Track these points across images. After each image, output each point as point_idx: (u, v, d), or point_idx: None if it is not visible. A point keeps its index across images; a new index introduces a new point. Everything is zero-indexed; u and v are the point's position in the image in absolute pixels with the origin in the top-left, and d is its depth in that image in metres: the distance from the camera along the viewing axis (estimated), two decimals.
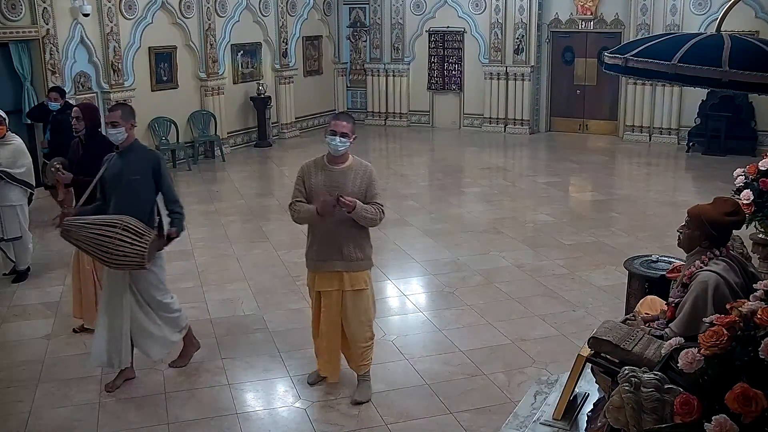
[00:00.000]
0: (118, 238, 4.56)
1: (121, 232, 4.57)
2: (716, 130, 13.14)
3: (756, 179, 5.39)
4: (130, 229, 4.61)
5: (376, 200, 4.60)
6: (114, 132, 4.83)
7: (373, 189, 4.61)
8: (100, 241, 4.59)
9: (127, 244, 4.58)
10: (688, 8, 13.65)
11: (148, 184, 4.88)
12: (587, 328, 5.22)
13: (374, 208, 4.57)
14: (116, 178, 4.84)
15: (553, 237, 8.50)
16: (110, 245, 4.57)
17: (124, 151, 4.90)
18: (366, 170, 4.64)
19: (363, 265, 4.70)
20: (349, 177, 4.58)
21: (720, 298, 3.34)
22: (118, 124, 4.80)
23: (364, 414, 4.70)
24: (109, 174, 4.88)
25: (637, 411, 2.55)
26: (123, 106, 5.11)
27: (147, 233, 4.70)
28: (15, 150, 6.86)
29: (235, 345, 5.74)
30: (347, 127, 4.53)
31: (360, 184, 4.57)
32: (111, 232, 4.57)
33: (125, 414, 4.76)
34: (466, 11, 15.53)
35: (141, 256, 4.63)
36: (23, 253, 7.14)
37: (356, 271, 4.67)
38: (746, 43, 3.65)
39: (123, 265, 4.71)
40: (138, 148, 4.99)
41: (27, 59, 10.20)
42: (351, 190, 4.52)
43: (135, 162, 4.87)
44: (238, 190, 11.14)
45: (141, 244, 4.62)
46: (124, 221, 4.64)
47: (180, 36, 12.63)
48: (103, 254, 4.64)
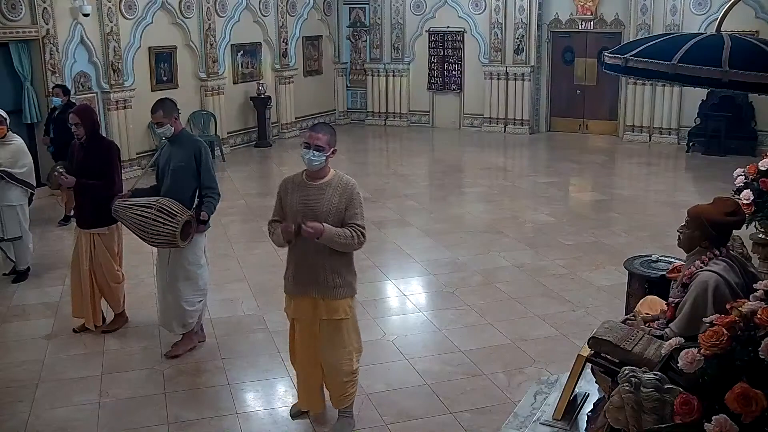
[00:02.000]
0: (152, 218, 5.00)
1: (156, 213, 5.00)
2: (716, 130, 13.13)
3: (756, 179, 5.38)
4: (164, 210, 5.02)
5: (355, 221, 4.11)
6: (161, 130, 5.26)
7: (353, 209, 4.12)
8: (138, 221, 5.07)
9: (160, 224, 5.00)
10: (688, 8, 13.65)
11: (190, 171, 5.23)
12: (587, 328, 5.21)
13: (351, 231, 4.08)
14: (166, 164, 5.30)
15: (553, 237, 8.50)
16: (146, 224, 5.03)
17: (173, 141, 5.32)
18: (346, 187, 4.15)
19: (341, 292, 4.21)
20: (325, 194, 4.13)
21: (720, 298, 3.34)
22: (163, 123, 5.21)
23: (364, 414, 4.69)
24: (161, 161, 5.36)
25: (637, 411, 2.55)
26: (162, 103, 5.30)
27: (180, 214, 5.05)
28: (16, 150, 6.86)
29: (235, 345, 5.74)
30: (323, 139, 4.11)
31: (338, 203, 4.11)
32: (148, 212, 5.03)
33: (125, 414, 4.76)
34: (466, 11, 15.53)
35: (173, 235, 5.03)
36: (23, 253, 7.14)
37: (333, 299, 4.20)
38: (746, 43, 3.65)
39: (159, 242, 5.17)
40: (184, 138, 5.36)
41: (27, 59, 10.20)
42: (326, 209, 4.09)
43: (180, 150, 5.27)
44: (238, 190, 11.14)
45: (173, 224, 5.01)
46: (160, 203, 5.07)
47: (180, 36, 12.63)
48: (141, 232, 5.10)
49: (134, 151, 11.69)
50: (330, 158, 4.19)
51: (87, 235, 5.77)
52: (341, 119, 17.14)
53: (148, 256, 7.80)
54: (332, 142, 4.19)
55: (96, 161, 5.69)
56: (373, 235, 8.67)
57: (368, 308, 6.41)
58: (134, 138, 11.74)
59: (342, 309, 4.25)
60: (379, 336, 5.89)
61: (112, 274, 5.90)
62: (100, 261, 5.82)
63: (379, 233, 8.73)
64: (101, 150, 5.77)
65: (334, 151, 4.20)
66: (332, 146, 4.19)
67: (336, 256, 4.16)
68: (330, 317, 4.24)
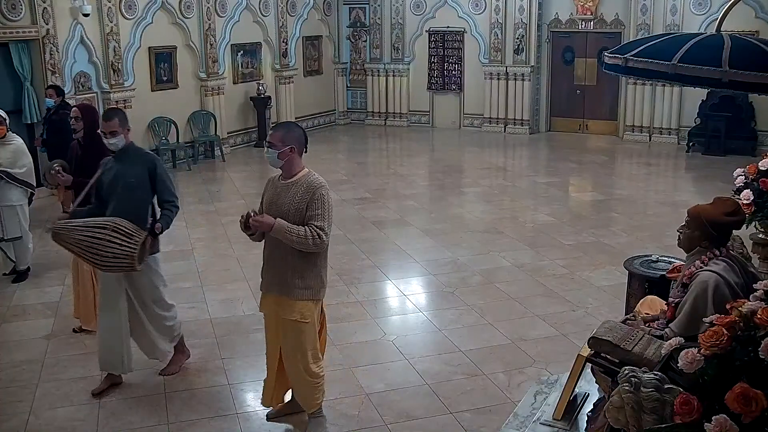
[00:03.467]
0: (107, 240, 4.54)
1: (111, 233, 4.55)
2: (716, 130, 13.14)
3: (756, 179, 5.38)
4: (119, 230, 4.58)
5: (314, 222, 4.08)
6: (114, 141, 4.83)
7: (314, 209, 4.09)
8: (90, 243, 4.56)
9: (116, 245, 4.55)
10: (688, 8, 13.65)
11: (144, 187, 4.86)
12: (587, 328, 5.21)
13: (308, 230, 4.05)
14: (114, 181, 4.82)
15: (553, 237, 8.50)
16: (100, 247, 4.55)
17: (121, 155, 4.89)
18: (310, 187, 4.14)
19: (299, 294, 4.21)
20: (290, 192, 4.17)
21: (720, 298, 3.35)
22: (117, 133, 4.82)
23: (364, 414, 4.70)
24: (107, 178, 4.86)
25: (637, 411, 2.55)
26: (117, 112, 5.06)
27: (137, 234, 4.65)
28: (16, 150, 6.86)
29: (235, 345, 5.74)
30: (275, 136, 4.17)
31: (299, 201, 4.12)
32: (101, 233, 4.55)
33: (125, 414, 4.76)
34: (466, 11, 15.53)
35: (131, 257, 4.59)
36: (23, 253, 7.14)
37: (291, 299, 4.22)
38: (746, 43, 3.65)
39: (114, 266, 4.68)
40: (134, 151, 4.97)
41: (27, 59, 10.20)
42: (287, 208, 4.12)
43: (132, 165, 4.86)
44: (238, 190, 11.15)
45: (130, 244, 4.59)
46: (114, 222, 4.61)
47: (180, 36, 12.63)
48: (93, 256, 4.62)
49: None
50: (290, 156, 4.17)
51: None
52: (341, 119, 17.14)
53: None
54: (287, 140, 4.16)
55: (94, 161, 5.66)
56: (373, 235, 8.70)
57: (368, 308, 6.42)
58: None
59: (298, 311, 4.24)
60: (379, 336, 5.89)
61: None
62: None
63: (379, 233, 8.73)
64: (100, 150, 5.74)
65: (291, 148, 4.15)
66: (287, 143, 4.15)
67: (301, 258, 4.16)
68: (286, 317, 4.27)
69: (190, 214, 9.59)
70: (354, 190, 10.68)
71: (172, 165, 12.38)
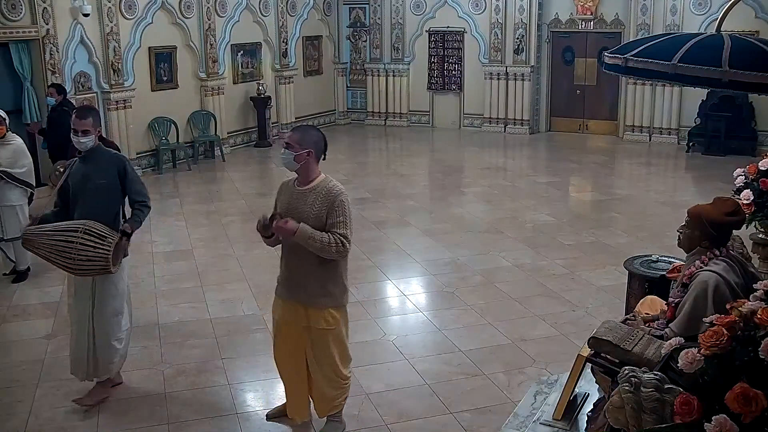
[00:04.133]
0: (80, 243, 4.40)
1: (83, 236, 4.41)
2: (716, 130, 13.13)
3: (756, 179, 5.38)
4: (92, 233, 4.45)
5: (337, 230, 3.99)
6: (85, 140, 4.66)
7: (335, 216, 4.00)
8: (61, 247, 4.43)
9: (90, 248, 4.42)
10: (688, 8, 13.65)
11: (114, 188, 4.72)
12: (587, 328, 5.22)
13: (330, 237, 3.96)
14: (81, 183, 4.68)
15: (553, 237, 8.50)
16: (73, 251, 4.41)
17: (88, 156, 4.74)
18: (330, 194, 4.04)
19: (323, 302, 4.13)
20: (308, 199, 4.06)
21: (720, 298, 3.35)
22: (89, 132, 4.67)
23: (364, 414, 4.70)
24: (73, 180, 4.72)
25: (637, 411, 2.55)
26: (92, 111, 4.93)
27: (110, 236, 4.52)
28: (15, 150, 6.86)
29: (235, 345, 5.74)
30: (292, 137, 4.06)
31: (318, 209, 4.02)
32: (73, 237, 4.41)
33: (125, 414, 4.76)
34: (466, 11, 15.53)
35: (105, 260, 4.46)
36: (23, 253, 7.11)
37: (314, 308, 4.13)
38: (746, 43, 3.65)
39: (88, 270, 4.54)
40: (102, 152, 4.81)
41: (27, 59, 10.19)
42: (306, 215, 4.01)
43: (100, 166, 4.71)
44: (238, 190, 11.15)
45: (104, 247, 4.46)
46: (86, 225, 4.48)
47: (180, 36, 12.62)
48: (66, 261, 4.47)
49: (134, 151, 11.68)
50: (307, 160, 4.06)
51: None
52: (341, 119, 17.14)
53: (148, 256, 7.83)
54: (304, 142, 4.05)
55: None
56: (373, 235, 8.70)
57: (368, 308, 6.42)
58: (134, 138, 11.73)
59: (323, 319, 4.16)
60: (379, 336, 5.89)
61: None
62: None
63: (379, 233, 8.73)
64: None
65: (309, 152, 4.05)
66: (304, 146, 4.04)
67: (322, 265, 4.08)
68: (311, 325, 4.18)
69: (190, 214, 9.60)
70: (354, 190, 10.67)
71: (172, 165, 12.38)
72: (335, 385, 4.34)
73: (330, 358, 4.24)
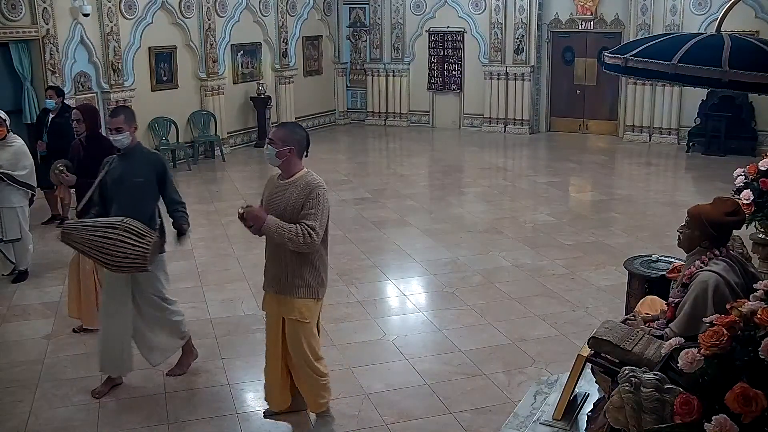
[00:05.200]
0: (119, 240, 4.49)
1: (123, 233, 4.50)
2: (716, 130, 13.14)
3: (756, 179, 5.38)
4: (131, 230, 4.53)
5: (306, 221, 4.03)
6: (119, 137, 4.78)
7: (308, 207, 4.06)
8: (101, 243, 4.51)
9: (128, 245, 4.51)
10: (688, 8, 13.65)
11: (151, 187, 4.85)
12: (587, 328, 5.22)
13: (298, 228, 4.01)
14: (118, 181, 4.79)
15: (553, 237, 8.50)
16: (111, 247, 4.49)
17: (127, 154, 4.85)
18: (308, 186, 4.11)
19: (299, 292, 4.20)
20: (287, 192, 4.15)
21: (720, 298, 3.35)
22: (122, 130, 4.78)
23: (364, 414, 4.70)
24: (111, 177, 4.82)
25: (637, 411, 2.55)
26: (125, 109, 5.06)
27: (148, 234, 4.62)
28: (16, 152, 6.82)
29: (235, 345, 5.74)
30: (276, 134, 4.16)
31: (295, 201, 4.09)
32: (113, 233, 4.50)
33: (125, 414, 4.76)
34: (466, 11, 15.53)
35: (143, 258, 4.55)
36: (23, 254, 7.13)
37: (290, 297, 4.21)
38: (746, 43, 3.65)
39: (125, 267, 4.63)
40: (141, 151, 4.94)
41: (27, 59, 10.19)
42: (283, 207, 4.11)
43: (138, 165, 4.83)
44: (238, 190, 11.14)
45: (143, 245, 4.54)
46: (125, 222, 4.57)
47: (180, 36, 12.63)
48: (104, 256, 4.56)
49: None
50: (288, 156, 4.14)
51: None
52: (341, 119, 17.14)
53: None
54: (286, 139, 4.13)
55: (96, 160, 5.67)
56: (373, 235, 8.70)
57: (368, 308, 6.42)
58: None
59: (297, 309, 4.22)
60: (379, 336, 5.89)
61: None
62: None
63: (379, 233, 8.73)
64: (101, 150, 5.75)
65: (290, 149, 4.12)
66: (286, 143, 4.12)
67: (298, 257, 4.15)
68: (287, 316, 4.27)
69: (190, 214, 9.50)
70: (354, 190, 10.68)
71: (172, 165, 12.35)
72: (313, 381, 4.39)
73: (303, 351, 4.30)
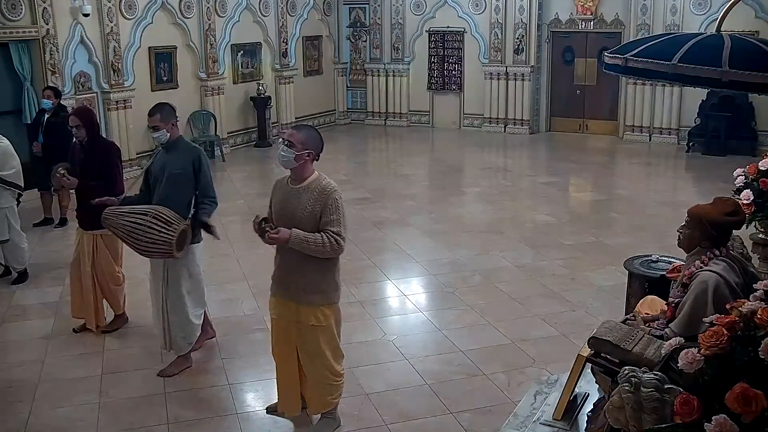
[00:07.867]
0: (148, 226, 4.77)
1: (151, 220, 4.78)
2: (716, 130, 13.13)
3: (756, 179, 5.38)
4: (160, 218, 4.80)
5: (330, 228, 4.00)
6: (157, 135, 5.07)
7: (328, 215, 4.01)
8: (131, 228, 4.82)
9: (155, 232, 4.77)
10: (688, 8, 13.65)
11: (187, 178, 5.06)
12: (587, 328, 5.21)
13: (324, 237, 3.97)
14: (160, 171, 5.08)
15: (553, 237, 8.50)
16: (140, 232, 4.78)
17: (170, 147, 5.11)
18: (323, 192, 4.03)
19: (314, 299, 4.15)
20: (302, 198, 4.06)
21: (720, 298, 3.35)
22: (159, 128, 5.03)
23: (364, 414, 4.70)
24: (155, 167, 5.15)
25: (637, 411, 2.55)
26: (161, 107, 5.13)
27: (176, 222, 4.85)
28: (3, 152, 6.74)
29: (235, 345, 5.74)
30: (295, 136, 4.05)
31: (312, 208, 4.02)
32: (142, 219, 4.79)
33: (125, 414, 4.76)
34: (466, 11, 15.53)
35: (169, 244, 4.80)
36: (17, 254, 7.03)
37: (305, 305, 4.16)
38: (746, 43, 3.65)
39: (152, 252, 4.91)
40: (182, 144, 5.17)
41: (27, 59, 10.19)
42: (300, 214, 4.03)
43: (178, 157, 5.07)
44: (238, 190, 11.14)
45: (169, 232, 4.79)
46: (156, 210, 4.85)
47: (180, 36, 12.63)
48: (134, 241, 4.85)
49: (134, 151, 11.68)
50: (305, 161, 4.08)
51: (89, 236, 5.76)
52: (341, 119, 17.14)
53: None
54: (307, 143, 4.06)
55: (96, 162, 5.68)
56: (373, 235, 8.69)
57: (368, 308, 6.42)
58: (134, 138, 11.72)
59: (314, 316, 4.18)
60: (379, 336, 5.89)
61: (112, 276, 5.90)
62: (102, 262, 5.81)
63: (379, 233, 8.73)
64: (101, 151, 5.76)
65: (309, 153, 4.07)
66: (306, 147, 4.05)
67: (314, 264, 4.09)
68: (302, 322, 4.21)
69: None
70: (354, 190, 10.67)
71: None
72: (328, 382, 4.36)
73: (322, 355, 4.27)
